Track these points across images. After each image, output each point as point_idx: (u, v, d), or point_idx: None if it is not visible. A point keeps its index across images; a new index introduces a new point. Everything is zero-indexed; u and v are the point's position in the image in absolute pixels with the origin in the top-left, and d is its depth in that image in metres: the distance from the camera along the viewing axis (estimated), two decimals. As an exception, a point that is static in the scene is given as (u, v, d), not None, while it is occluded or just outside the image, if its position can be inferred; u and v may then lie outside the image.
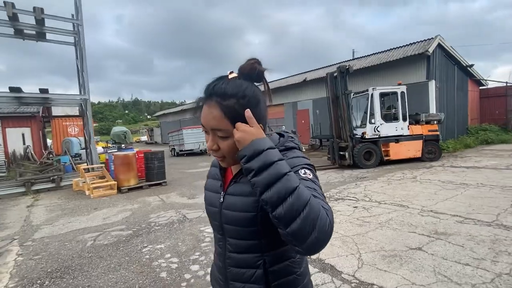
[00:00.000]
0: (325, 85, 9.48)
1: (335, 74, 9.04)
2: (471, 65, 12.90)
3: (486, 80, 14.76)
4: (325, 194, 3.59)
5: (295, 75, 18.39)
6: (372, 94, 8.66)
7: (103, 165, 8.49)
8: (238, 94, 0.70)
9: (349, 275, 2.53)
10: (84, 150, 12.41)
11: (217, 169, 0.89)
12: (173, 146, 19.14)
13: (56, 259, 3.34)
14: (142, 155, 8.42)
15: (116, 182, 7.45)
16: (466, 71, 13.23)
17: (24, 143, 14.19)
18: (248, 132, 0.66)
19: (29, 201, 7.13)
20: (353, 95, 9.58)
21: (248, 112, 0.68)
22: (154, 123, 67.09)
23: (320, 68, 16.57)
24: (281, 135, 0.85)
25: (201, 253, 3.24)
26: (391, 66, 11.53)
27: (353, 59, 15.51)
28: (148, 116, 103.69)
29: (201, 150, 17.81)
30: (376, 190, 5.69)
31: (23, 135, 14.21)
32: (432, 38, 10.89)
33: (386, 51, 12.64)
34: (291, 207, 0.58)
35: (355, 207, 4.62)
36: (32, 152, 14.00)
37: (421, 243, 3.08)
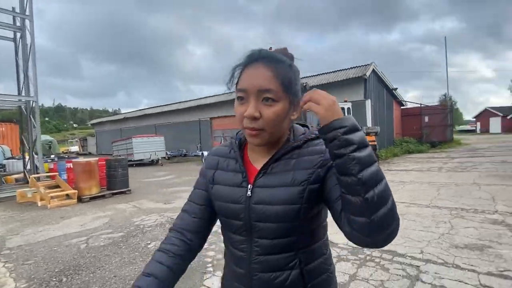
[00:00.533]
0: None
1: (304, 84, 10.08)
2: (395, 89, 15.63)
3: (405, 101, 17.91)
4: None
5: None
6: (325, 109, 9.91)
7: (57, 173, 7.78)
8: (286, 61, 0.68)
9: (343, 244, 3.19)
10: (8, 160, 10.95)
11: (230, 160, 0.78)
12: (119, 156, 17.97)
13: (56, 261, 3.23)
14: (104, 162, 8.01)
15: (76, 191, 6.96)
16: (391, 93, 15.92)
17: None
18: (336, 103, 0.58)
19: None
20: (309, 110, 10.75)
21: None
22: (83, 132, 60.21)
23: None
24: (304, 125, 0.80)
25: (209, 243, 3.54)
26: (336, 86, 13.26)
27: (303, 78, 17.20)
28: (75, 125, 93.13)
29: (152, 160, 17.15)
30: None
31: None
32: (368, 64, 13.00)
33: (331, 72, 14.47)
34: (382, 193, 0.55)
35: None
36: None
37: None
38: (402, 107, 18.46)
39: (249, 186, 0.71)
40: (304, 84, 9.71)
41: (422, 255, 2.85)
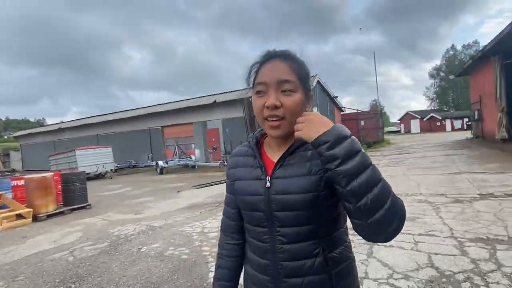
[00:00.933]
0: (242, 108, 11.10)
1: (250, 99, 10.79)
2: (336, 97, 17.62)
3: (344, 108, 20.18)
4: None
5: (204, 96, 19.53)
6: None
7: (3, 193, 7.07)
8: (299, 59, 0.76)
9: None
10: None
11: (248, 157, 0.84)
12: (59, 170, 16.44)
13: (50, 274, 3.26)
14: (58, 177, 7.55)
15: (31, 210, 6.48)
16: (333, 101, 17.87)
17: None
18: (321, 117, 0.65)
19: None
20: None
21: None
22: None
23: (229, 92, 18.41)
24: None
25: (202, 240, 3.91)
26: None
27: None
28: (-14, 138, 79.63)
29: (100, 174, 16.11)
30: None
31: None
32: (314, 75, 14.48)
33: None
34: (378, 197, 0.57)
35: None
36: None
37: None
38: (342, 113, 20.76)
39: (267, 178, 0.75)
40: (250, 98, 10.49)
41: (374, 230, 3.71)
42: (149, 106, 21.42)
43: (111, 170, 16.64)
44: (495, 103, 12.21)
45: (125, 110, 22.74)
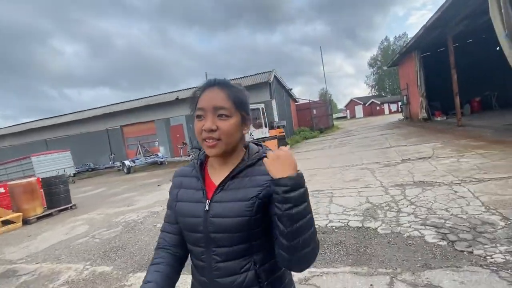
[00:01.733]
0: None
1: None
2: (291, 89, 19.32)
3: (298, 98, 22.10)
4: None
5: (165, 93, 19.69)
6: (244, 110, 12.02)
7: (-16, 201, 7.10)
8: (237, 87, 0.86)
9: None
10: None
11: (192, 178, 0.90)
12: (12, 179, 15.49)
13: (90, 250, 4.03)
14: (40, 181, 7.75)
15: (21, 214, 6.74)
16: (288, 93, 19.56)
17: None
18: (288, 156, 0.73)
19: None
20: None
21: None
22: None
23: (191, 88, 18.91)
24: (258, 144, 0.95)
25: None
26: (248, 89, 15.52)
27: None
28: None
29: (62, 179, 15.57)
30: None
31: None
32: (271, 71, 15.91)
33: (242, 77, 16.81)
34: (306, 240, 0.71)
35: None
36: None
37: (307, 180, 6.23)
38: (296, 103, 22.69)
39: (207, 201, 0.83)
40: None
41: (331, 188, 5.15)
42: (106, 106, 20.82)
43: (72, 174, 16.19)
44: (417, 90, 14.95)
45: (80, 111, 21.71)
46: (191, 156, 14.63)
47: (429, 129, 12.07)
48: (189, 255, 0.91)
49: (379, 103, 50.83)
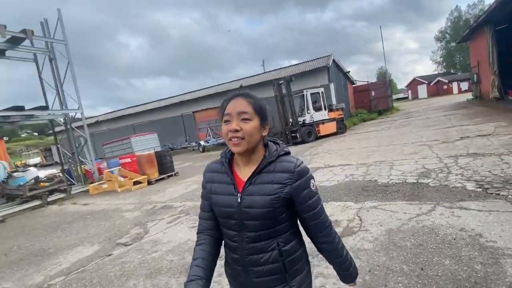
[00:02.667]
0: (272, 89, 13.42)
1: (280, 82, 13.12)
2: (348, 72, 19.60)
3: (356, 80, 22.16)
4: (302, 158, 8.06)
5: (231, 81, 21.77)
6: (306, 94, 13.20)
7: (120, 167, 9.85)
8: (256, 97, 1.04)
9: (338, 165, 6.45)
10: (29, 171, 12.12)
11: (222, 174, 1.08)
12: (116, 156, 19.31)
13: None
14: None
15: (146, 177, 9.24)
16: (345, 75, 19.88)
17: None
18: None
19: (74, 206, 8.19)
20: (292, 95, 13.92)
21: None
22: (19, 144, 53.99)
23: (252, 76, 20.64)
24: (276, 143, 1.10)
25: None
26: (307, 74, 16.61)
27: (278, 69, 20.24)
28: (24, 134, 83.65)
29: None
30: (328, 148, 10.00)
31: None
32: (329, 55, 16.56)
33: (302, 63, 17.81)
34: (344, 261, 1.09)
35: (328, 153, 8.70)
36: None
37: (369, 154, 7.32)
38: (353, 85, 22.78)
39: (238, 194, 1.02)
40: (292, 79, 12.74)
41: (391, 160, 6.21)
42: (180, 95, 23.90)
43: (157, 152, 19.44)
44: (488, 67, 14.17)
45: (159, 100, 25.29)
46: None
47: (499, 109, 11.69)
48: (224, 237, 1.11)
49: (446, 81, 46.29)
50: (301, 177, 0.99)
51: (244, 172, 1.05)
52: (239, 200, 1.01)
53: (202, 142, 17.91)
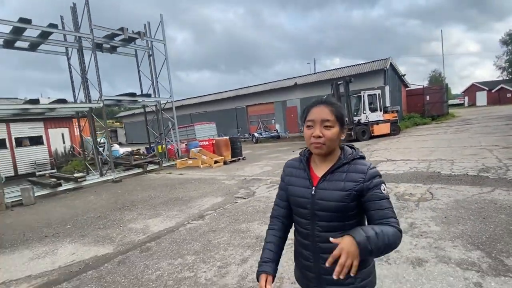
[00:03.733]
0: (331, 89, 14.42)
1: (339, 82, 14.09)
2: (404, 75, 19.75)
3: (410, 84, 22.10)
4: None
5: (285, 79, 23.09)
6: (363, 95, 14.02)
7: (201, 148, 11.76)
8: (338, 104, 1.15)
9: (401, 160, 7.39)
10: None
11: (299, 170, 1.22)
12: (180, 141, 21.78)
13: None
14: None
15: (223, 157, 10.98)
16: (400, 79, 20.04)
17: (64, 143, 15.44)
18: (352, 245, 0.93)
19: (171, 175, 10.18)
20: (349, 95, 14.82)
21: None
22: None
23: (307, 75, 21.78)
24: (351, 147, 1.20)
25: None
26: (364, 75, 17.27)
27: (336, 69, 21.09)
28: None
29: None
30: (384, 147, 10.84)
31: (62, 135, 15.43)
32: (387, 58, 17.03)
33: (360, 64, 18.50)
34: (385, 248, 0.97)
35: (388, 150, 9.61)
36: (76, 151, 15.44)
37: (428, 153, 8.14)
38: (407, 89, 22.70)
39: (313, 188, 1.14)
40: (351, 80, 13.64)
41: (451, 158, 7.03)
42: (235, 89, 25.80)
43: (213, 140, 21.56)
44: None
45: (215, 93, 27.50)
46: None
47: None
48: (294, 224, 1.27)
49: (511, 89, 42.61)
50: (373, 178, 1.08)
51: (320, 170, 1.17)
52: (313, 192, 1.13)
53: (256, 134, 19.55)
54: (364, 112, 14.07)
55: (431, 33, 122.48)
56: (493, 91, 44.78)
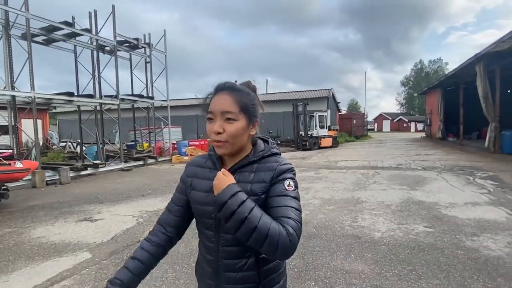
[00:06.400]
0: (292, 108, 18.28)
1: (298, 104, 18.07)
2: (339, 102, 25.33)
3: (341, 109, 28.05)
4: (308, 157, 13.39)
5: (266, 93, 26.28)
6: (315, 115, 18.28)
7: (194, 147, 13.84)
8: (244, 90, 0.92)
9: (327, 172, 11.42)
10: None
11: (205, 169, 0.98)
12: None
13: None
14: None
15: (214, 155, 13.35)
16: (336, 105, 25.57)
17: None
18: (221, 179, 0.81)
19: (173, 167, 12.08)
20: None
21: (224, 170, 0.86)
22: None
23: (264, 94, 25.41)
24: (265, 141, 1.01)
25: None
26: (313, 100, 21.81)
27: (286, 92, 25.31)
28: None
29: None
30: (333, 153, 14.96)
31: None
32: (330, 89, 22.15)
33: (306, 91, 23.08)
34: (255, 240, 0.77)
35: (325, 158, 13.64)
36: (50, 142, 15.32)
37: (365, 157, 12.35)
38: (339, 113, 28.69)
39: None
40: (308, 103, 17.72)
41: (380, 160, 11.22)
42: (198, 98, 27.82)
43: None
44: (437, 115, 20.50)
45: (177, 99, 28.92)
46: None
47: (440, 144, 17.79)
48: (199, 236, 1.02)
49: (406, 120, 55.32)
50: (281, 173, 0.90)
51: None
52: None
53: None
54: (316, 128, 18.30)
55: (349, 66, 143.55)
56: (394, 120, 57.12)
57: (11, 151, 6.90)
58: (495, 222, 3.93)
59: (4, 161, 5.46)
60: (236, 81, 0.97)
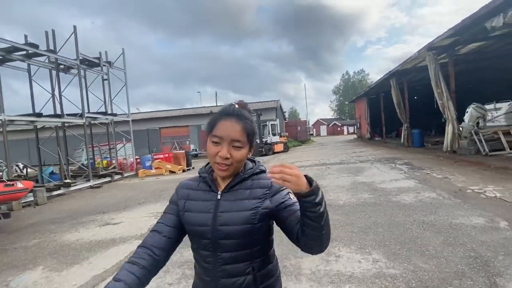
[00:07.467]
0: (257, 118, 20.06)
1: (252, 114, 19.90)
2: (285, 112, 28.09)
3: (287, 118, 31.01)
4: (267, 161, 17.38)
5: (201, 107, 27.17)
6: (268, 124, 20.34)
7: (160, 160, 14.36)
8: (249, 118, 0.98)
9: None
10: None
11: (198, 192, 1.02)
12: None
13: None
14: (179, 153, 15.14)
15: (182, 166, 14.14)
16: (283, 114, 28.29)
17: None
18: (301, 177, 0.80)
19: (142, 180, 12.55)
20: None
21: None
22: None
23: (207, 106, 26.66)
24: (252, 160, 1.06)
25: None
26: (263, 110, 23.94)
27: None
28: None
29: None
30: (287, 157, 17.07)
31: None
32: (277, 100, 24.64)
33: (256, 102, 25.18)
34: (329, 230, 0.87)
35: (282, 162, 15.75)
36: None
37: (314, 157, 14.68)
38: (285, 121, 31.63)
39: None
40: (260, 113, 19.66)
41: (327, 158, 13.60)
42: (148, 112, 27.63)
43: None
44: (365, 119, 24.59)
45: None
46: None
47: (369, 143, 21.58)
48: (195, 257, 1.02)
49: (340, 125, 62.40)
50: (278, 190, 0.96)
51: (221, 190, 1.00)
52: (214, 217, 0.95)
53: (179, 153, 22.52)
54: (269, 135, 20.36)
55: (284, 76, 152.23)
56: (330, 125, 63.71)
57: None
58: (408, 188, 6.11)
59: (9, 182, 5.80)
60: (236, 103, 1.02)
